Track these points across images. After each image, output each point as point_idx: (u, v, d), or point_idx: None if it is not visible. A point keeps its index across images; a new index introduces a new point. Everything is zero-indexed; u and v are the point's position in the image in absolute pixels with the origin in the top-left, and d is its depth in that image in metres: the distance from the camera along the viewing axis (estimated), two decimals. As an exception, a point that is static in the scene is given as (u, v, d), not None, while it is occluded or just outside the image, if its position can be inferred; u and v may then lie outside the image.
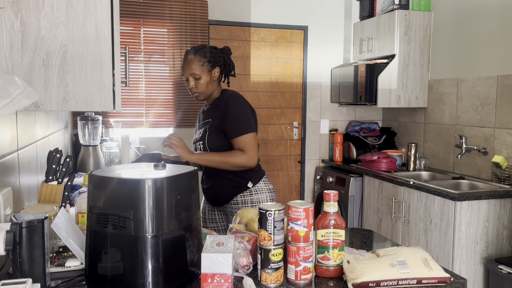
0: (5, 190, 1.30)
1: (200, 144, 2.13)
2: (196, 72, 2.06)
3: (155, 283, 1.12)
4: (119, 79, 1.36)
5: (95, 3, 1.30)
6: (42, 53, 1.26)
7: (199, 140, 2.15)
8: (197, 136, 2.18)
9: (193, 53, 2.10)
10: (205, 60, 2.08)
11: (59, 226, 1.26)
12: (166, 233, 1.14)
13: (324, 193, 1.27)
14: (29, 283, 0.97)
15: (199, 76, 2.07)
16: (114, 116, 3.59)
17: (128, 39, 3.62)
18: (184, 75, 2.11)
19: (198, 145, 2.15)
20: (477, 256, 2.72)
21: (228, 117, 2.06)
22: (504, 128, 3.03)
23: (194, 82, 2.08)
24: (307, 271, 1.22)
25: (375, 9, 3.98)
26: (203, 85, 2.09)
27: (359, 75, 3.78)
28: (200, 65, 2.07)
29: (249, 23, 3.97)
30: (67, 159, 1.69)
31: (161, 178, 1.14)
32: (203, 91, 2.10)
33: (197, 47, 2.14)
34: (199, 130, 2.19)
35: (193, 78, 2.08)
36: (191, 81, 2.08)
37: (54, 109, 1.30)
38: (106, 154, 3.06)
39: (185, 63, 2.10)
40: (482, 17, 3.22)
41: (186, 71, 2.09)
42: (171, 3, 3.69)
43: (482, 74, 3.22)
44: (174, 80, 3.77)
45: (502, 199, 2.74)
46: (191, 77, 2.08)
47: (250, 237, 1.34)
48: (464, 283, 1.25)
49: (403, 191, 3.12)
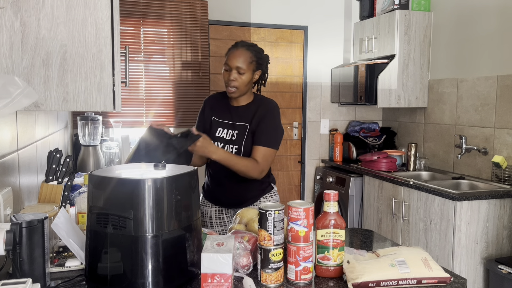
0: (5, 190, 1.30)
1: (233, 147, 2.03)
2: (243, 67, 1.97)
3: (155, 283, 1.12)
4: (119, 79, 1.36)
5: (95, 3, 1.30)
6: (42, 53, 1.26)
7: (231, 142, 2.03)
8: (227, 137, 2.05)
9: (246, 47, 2.00)
10: (255, 59, 2.00)
11: (59, 226, 1.26)
12: (166, 233, 1.14)
13: (324, 193, 1.27)
14: (29, 283, 0.97)
15: (244, 71, 1.97)
16: (114, 116, 3.59)
17: (128, 39, 3.62)
18: (229, 64, 1.98)
19: (229, 147, 2.03)
20: (477, 256, 2.72)
21: (264, 124, 2.00)
22: (504, 128, 3.03)
23: (237, 75, 1.98)
24: (307, 271, 1.22)
25: (375, 9, 3.98)
26: (244, 82, 1.99)
27: (359, 75, 3.78)
28: (249, 62, 1.98)
29: (249, 23, 3.97)
30: (67, 159, 1.69)
31: (161, 178, 1.14)
32: (241, 88, 2.00)
33: (249, 43, 2.05)
34: (230, 131, 2.06)
35: (237, 71, 1.97)
36: (234, 73, 1.97)
37: (54, 109, 1.30)
38: (106, 154, 3.06)
39: (234, 53, 1.98)
40: (482, 17, 3.22)
41: (233, 62, 1.97)
42: (171, 3, 3.69)
43: (482, 74, 3.22)
44: (174, 80, 3.77)
45: (502, 199, 2.74)
46: (235, 70, 1.97)
47: (250, 237, 1.34)
48: (464, 283, 1.25)
49: (403, 191, 3.12)
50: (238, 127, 2.04)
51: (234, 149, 2.01)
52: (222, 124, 2.08)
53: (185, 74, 3.79)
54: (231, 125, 2.06)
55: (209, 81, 3.88)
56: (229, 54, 2.00)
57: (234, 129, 2.04)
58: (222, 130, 2.07)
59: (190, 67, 3.80)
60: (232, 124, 2.06)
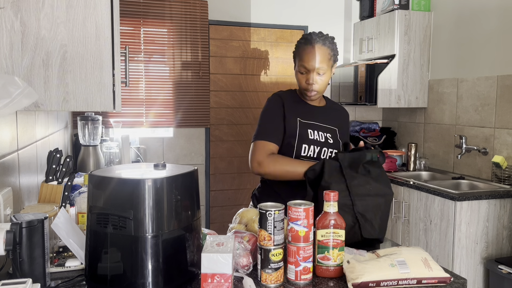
0: (5, 190, 1.30)
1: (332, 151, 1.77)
2: (324, 66, 1.68)
3: (155, 283, 1.12)
4: (119, 79, 1.36)
5: (95, 3, 1.30)
6: (42, 53, 1.26)
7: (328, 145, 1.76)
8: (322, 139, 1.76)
9: (322, 42, 1.69)
10: (332, 54, 1.71)
11: (59, 226, 1.26)
12: (166, 233, 1.14)
13: (324, 193, 1.27)
14: (29, 283, 0.97)
15: (325, 71, 1.70)
16: (114, 116, 3.59)
17: (128, 39, 3.62)
18: (306, 67, 1.69)
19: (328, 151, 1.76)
20: (477, 256, 2.72)
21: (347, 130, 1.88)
22: (504, 128, 3.03)
23: (318, 77, 1.70)
24: (307, 271, 1.22)
25: (375, 9, 3.98)
26: (324, 84, 1.73)
27: (359, 75, 3.78)
28: (328, 59, 1.70)
29: (249, 23, 3.97)
30: (67, 159, 1.69)
31: (161, 178, 1.14)
32: (323, 89, 1.74)
33: (322, 34, 1.71)
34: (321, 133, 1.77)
35: (317, 73, 1.69)
36: (314, 76, 1.69)
37: (54, 109, 1.30)
38: (106, 154, 3.06)
39: (311, 52, 1.67)
40: (482, 17, 3.22)
41: (312, 63, 1.67)
42: (171, 3, 3.69)
43: (482, 74, 3.22)
44: (174, 80, 3.77)
45: (502, 199, 2.74)
46: (314, 72, 1.69)
47: (250, 237, 1.34)
48: (464, 283, 1.25)
49: (403, 191, 3.12)
50: (328, 130, 1.79)
51: (332, 153, 1.76)
52: (311, 125, 1.77)
53: (185, 74, 3.79)
54: (320, 127, 1.78)
55: (209, 81, 3.88)
56: (304, 53, 1.70)
57: (325, 131, 1.78)
58: (313, 131, 1.76)
59: (190, 67, 3.80)
60: (321, 126, 1.79)
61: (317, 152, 1.74)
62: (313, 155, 1.74)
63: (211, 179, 4.00)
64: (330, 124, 1.81)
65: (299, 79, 1.75)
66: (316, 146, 1.74)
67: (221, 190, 4.05)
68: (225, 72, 3.97)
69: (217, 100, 3.96)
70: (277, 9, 4.04)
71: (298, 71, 1.74)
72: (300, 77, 1.74)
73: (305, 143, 1.73)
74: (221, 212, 4.05)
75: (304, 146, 1.73)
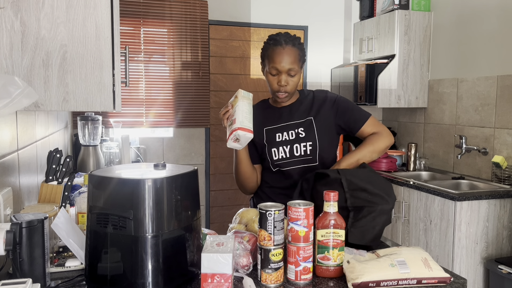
0: (5, 190, 1.30)
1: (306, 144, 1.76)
2: (296, 67, 1.69)
3: (155, 283, 1.12)
4: (119, 79, 1.36)
5: (95, 3, 1.30)
6: (42, 53, 1.26)
7: (300, 140, 1.76)
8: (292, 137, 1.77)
9: (292, 43, 1.70)
10: (302, 54, 1.73)
11: (59, 226, 1.26)
12: (166, 233, 1.14)
13: (324, 193, 1.27)
14: (29, 283, 0.97)
15: (296, 72, 1.70)
16: (114, 116, 3.59)
17: (128, 39, 3.62)
18: (277, 68, 1.69)
19: (301, 146, 1.76)
20: (477, 256, 2.72)
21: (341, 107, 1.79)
22: (504, 128, 3.03)
23: (289, 78, 1.70)
24: (307, 271, 1.22)
25: (375, 9, 3.98)
26: (295, 84, 1.73)
27: (359, 75, 3.78)
28: (298, 60, 1.71)
29: (249, 23, 3.97)
30: (67, 159, 1.69)
31: (161, 178, 1.14)
32: (293, 90, 1.74)
33: (289, 35, 1.72)
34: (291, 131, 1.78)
35: (288, 74, 1.70)
36: (285, 77, 1.69)
37: (54, 109, 1.30)
38: (106, 154, 3.06)
39: (282, 54, 1.67)
40: (482, 17, 3.22)
41: (283, 65, 1.67)
42: (171, 3, 3.69)
43: (482, 74, 3.22)
44: (174, 80, 3.77)
45: (502, 199, 2.74)
46: (285, 73, 1.69)
47: (250, 237, 1.34)
48: (464, 283, 1.25)
49: (403, 191, 3.12)
50: (298, 125, 1.79)
51: (308, 146, 1.76)
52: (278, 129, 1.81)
53: (185, 74, 3.79)
54: (288, 126, 1.80)
55: (209, 81, 3.88)
56: (275, 55, 1.69)
57: (295, 128, 1.79)
58: (281, 134, 1.79)
59: (190, 67, 3.80)
60: (288, 125, 1.80)
61: (288, 151, 1.77)
62: (286, 155, 1.77)
63: (211, 179, 4.00)
64: (300, 118, 1.80)
65: (270, 81, 1.74)
66: (285, 146, 1.77)
67: (221, 190, 4.05)
68: (225, 72, 3.97)
69: (217, 100, 3.96)
70: (277, 9, 4.04)
71: (269, 72, 1.73)
72: (271, 79, 1.73)
73: (274, 147, 1.78)
74: (221, 212, 4.05)
75: (273, 150, 1.78)
